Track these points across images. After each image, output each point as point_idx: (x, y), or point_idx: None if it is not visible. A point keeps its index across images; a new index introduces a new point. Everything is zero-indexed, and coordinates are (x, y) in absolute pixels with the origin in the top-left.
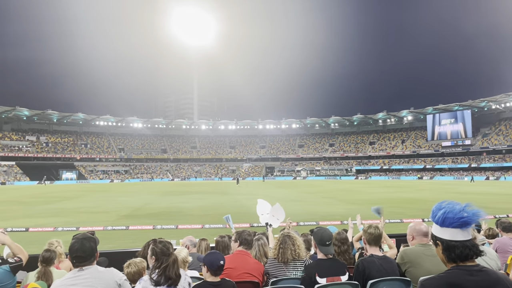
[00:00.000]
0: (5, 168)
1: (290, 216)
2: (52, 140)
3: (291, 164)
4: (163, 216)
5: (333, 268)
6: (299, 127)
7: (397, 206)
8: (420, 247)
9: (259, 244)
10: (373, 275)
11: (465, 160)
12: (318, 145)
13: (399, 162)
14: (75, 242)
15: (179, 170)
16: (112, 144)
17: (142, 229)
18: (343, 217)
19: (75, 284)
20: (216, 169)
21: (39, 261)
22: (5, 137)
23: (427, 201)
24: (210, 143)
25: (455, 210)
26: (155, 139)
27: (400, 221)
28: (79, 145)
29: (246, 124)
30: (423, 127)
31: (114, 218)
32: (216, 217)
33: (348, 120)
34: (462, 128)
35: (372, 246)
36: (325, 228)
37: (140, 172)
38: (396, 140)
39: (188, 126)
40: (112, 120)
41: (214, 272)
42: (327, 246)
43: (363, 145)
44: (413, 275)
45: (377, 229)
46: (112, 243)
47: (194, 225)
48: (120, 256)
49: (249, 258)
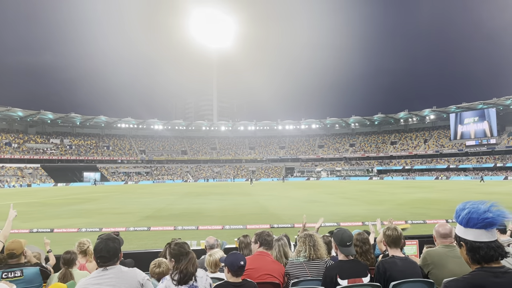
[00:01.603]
0: (31, 171)
1: (311, 217)
2: (75, 143)
3: (311, 164)
4: (184, 217)
5: (355, 270)
6: (318, 127)
7: (419, 207)
8: (443, 248)
9: (279, 244)
10: (395, 276)
11: (490, 160)
12: (338, 145)
13: (422, 162)
14: (100, 242)
15: (199, 172)
16: (133, 146)
17: (164, 230)
18: (364, 218)
19: (99, 283)
20: (236, 170)
21: (61, 263)
22: (30, 140)
23: (450, 202)
24: (230, 144)
25: (479, 210)
26: (175, 140)
27: (423, 222)
28: (101, 147)
29: (265, 125)
30: (446, 126)
31: (136, 219)
32: (236, 218)
33: (368, 119)
34: (487, 126)
35: (393, 248)
36: (345, 229)
37: (161, 173)
38: (418, 139)
39: (208, 128)
40: (133, 122)
41: (235, 272)
42: (347, 247)
43: (384, 145)
44: (437, 276)
45: (395, 230)
46: (134, 243)
47: (215, 226)
48: (142, 256)
49: (269, 259)
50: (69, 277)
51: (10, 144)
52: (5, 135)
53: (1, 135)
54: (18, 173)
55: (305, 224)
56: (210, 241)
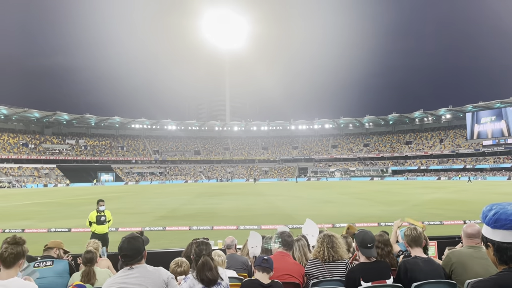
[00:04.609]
0: (47, 171)
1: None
2: (90, 143)
3: (324, 165)
4: (198, 217)
5: (378, 271)
6: (332, 127)
7: (436, 207)
8: (468, 249)
9: (299, 245)
10: (417, 276)
11: (507, 160)
12: (352, 145)
13: (437, 162)
14: (123, 242)
15: (212, 172)
16: (147, 146)
17: (179, 230)
18: (380, 219)
19: (126, 282)
20: (249, 170)
21: (82, 262)
22: (46, 141)
23: (467, 202)
24: (243, 144)
25: (507, 211)
26: (188, 141)
27: (440, 223)
28: (115, 147)
29: (278, 125)
30: (462, 126)
31: (151, 219)
32: (251, 218)
33: (383, 119)
34: (504, 126)
35: (414, 248)
36: (367, 231)
37: (174, 173)
38: (434, 139)
39: (221, 128)
40: (147, 123)
41: (262, 268)
42: (369, 248)
43: (399, 145)
44: (460, 277)
45: (414, 230)
46: (150, 243)
47: (229, 226)
48: (158, 256)
49: (289, 259)
50: (92, 274)
51: (27, 145)
52: (22, 136)
53: (18, 136)
54: (34, 173)
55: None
56: (227, 241)
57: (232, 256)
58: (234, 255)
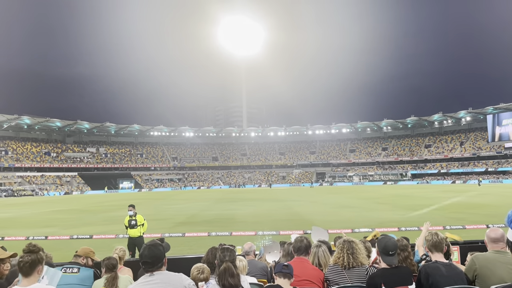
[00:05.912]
0: (69, 179)
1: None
2: (111, 151)
3: (342, 169)
4: (217, 223)
5: (399, 277)
6: (349, 131)
7: (458, 212)
8: (493, 254)
9: (319, 250)
10: (438, 281)
11: None
12: (370, 150)
13: (458, 165)
14: (144, 249)
15: (230, 178)
16: (166, 153)
17: (198, 236)
18: (400, 224)
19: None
20: (267, 176)
21: (107, 268)
22: (68, 149)
23: (490, 206)
24: (260, 150)
25: None
26: (206, 147)
27: (462, 227)
28: (135, 155)
29: (295, 130)
30: (483, 128)
31: (171, 225)
32: (269, 224)
33: (401, 122)
34: None
35: (435, 253)
36: (390, 237)
37: (193, 180)
38: (454, 142)
39: (238, 134)
40: (165, 130)
41: (283, 274)
42: (390, 256)
43: (418, 148)
44: (485, 283)
45: (435, 235)
46: (170, 250)
47: (248, 232)
48: (178, 262)
49: (308, 265)
50: (117, 280)
51: (49, 154)
52: (44, 145)
53: (41, 145)
54: (57, 181)
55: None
56: (245, 247)
57: (251, 261)
58: (253, 261)
